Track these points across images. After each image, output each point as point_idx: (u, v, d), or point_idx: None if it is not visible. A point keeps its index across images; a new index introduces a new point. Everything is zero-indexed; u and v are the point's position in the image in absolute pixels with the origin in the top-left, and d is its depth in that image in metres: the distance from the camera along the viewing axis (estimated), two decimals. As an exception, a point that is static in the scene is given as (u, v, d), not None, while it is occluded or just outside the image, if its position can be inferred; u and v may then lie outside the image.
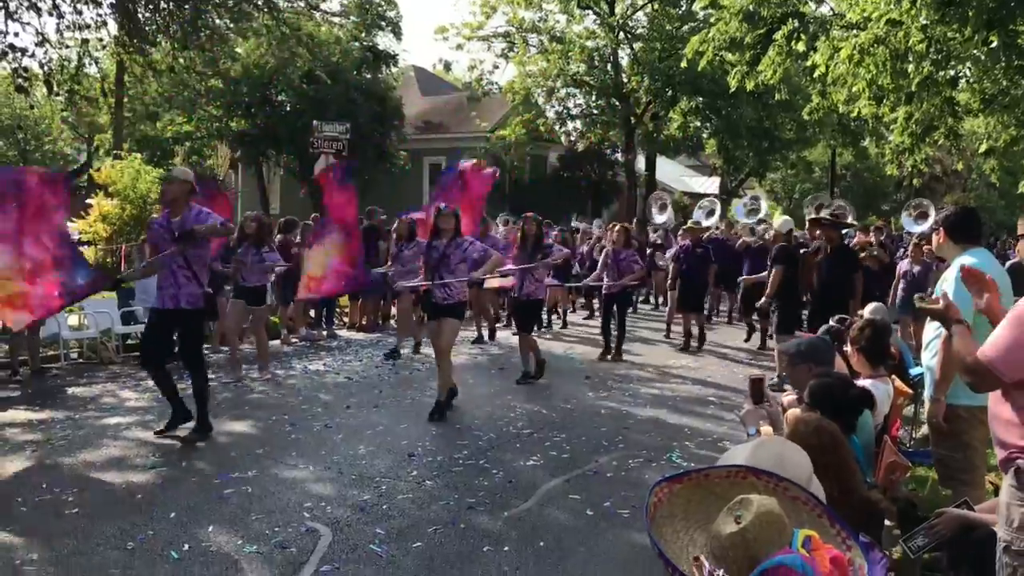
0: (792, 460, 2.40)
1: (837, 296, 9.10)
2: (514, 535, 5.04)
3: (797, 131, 29.60)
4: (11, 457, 6.40)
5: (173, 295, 6.96)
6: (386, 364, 10.77)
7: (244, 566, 4.51)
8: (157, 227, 7.16)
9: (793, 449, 2.43)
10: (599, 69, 30.36)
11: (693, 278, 12.62)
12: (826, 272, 9.48)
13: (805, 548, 1.72)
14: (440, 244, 8.08)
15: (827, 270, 9.47)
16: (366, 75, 29.96)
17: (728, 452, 2.55)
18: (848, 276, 9.34)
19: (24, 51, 14.30)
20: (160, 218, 7.25)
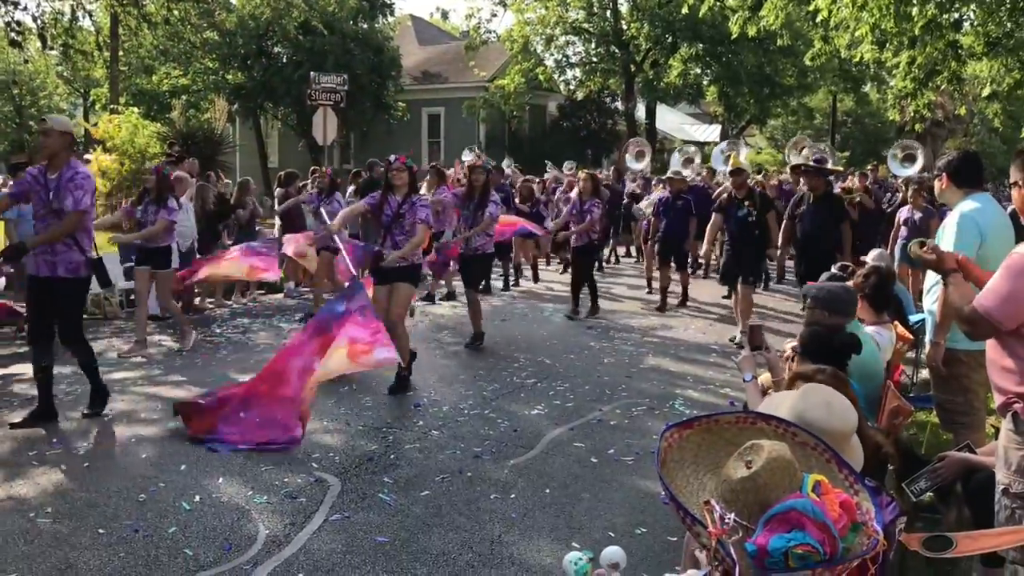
0: (839, 409, 2.43)
1: (824, 247, 8.76)
2: (520, 483, 5.11)
3: (798, 77, 29.36)
4: (20, 412, 6.45)
5: (49, 261, 6.07)
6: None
7: (255, 516, 4.58)
8: (31, 179, 6.15)
9: (841, 400, 2.46)
10: (598, 16, 30.04)
11: (675, 231, 11.65)
12: (809, 222, 9.05)
13: (815, 492, 1.75)
14: (393, 201, 7.30)
15: (811, 220, 9.04)
16: (363, 25, 29.64)
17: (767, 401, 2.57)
18: (835, 226, 8.98)
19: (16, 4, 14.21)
20: (36, 170, 6.23)
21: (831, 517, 1.70)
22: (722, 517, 1.71)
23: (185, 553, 4.13)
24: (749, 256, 9.33)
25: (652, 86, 29.80)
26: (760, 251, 9.48)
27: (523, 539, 4.36)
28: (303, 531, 4.41)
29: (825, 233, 8.90)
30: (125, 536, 4.31)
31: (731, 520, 1.70)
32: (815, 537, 1.70)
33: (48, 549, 4.16)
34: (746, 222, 9.19)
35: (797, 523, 1.68)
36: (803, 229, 9.12)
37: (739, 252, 9.33)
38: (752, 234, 9.22)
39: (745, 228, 9.22)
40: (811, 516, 1.68)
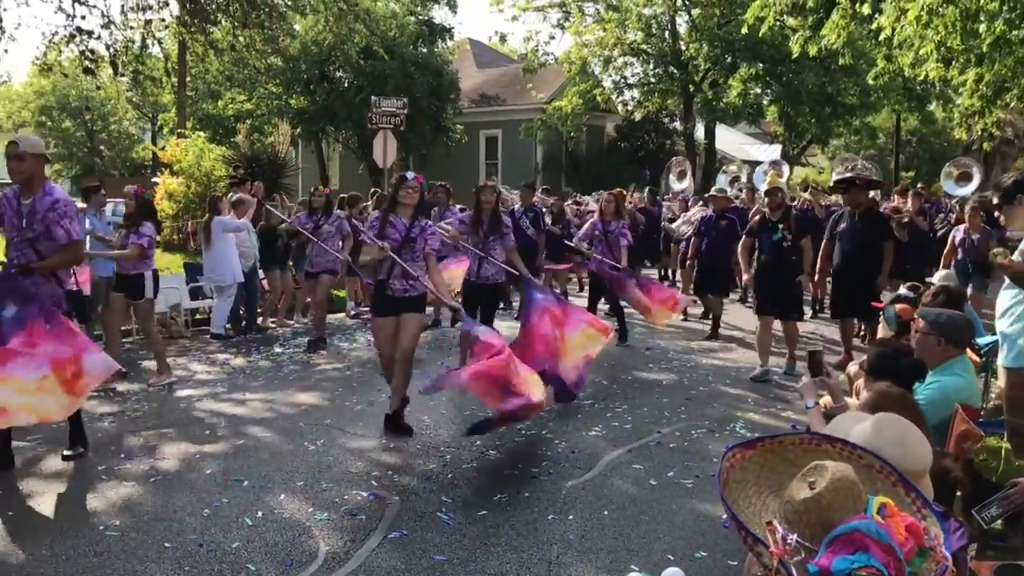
0: (915, 447, 2.35)
1: (864, 268, 8.35)
2: (578, 504, 5.09)
3: (861, 96, 28.89)
4: (89, 428, 6.62)
5: None
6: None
7: (316, 533, 4.64)
8: (5, 202, 5.68)
9: (916, 436, 2.39)
10: (657, 37, 30.00)
11: (716, 254, 10.83)
12: (849, 241, 8.52)
13: (880, 515, 1.72)
14: (400, 223, 6.56)
15: (851, 239, 8.51)
16: (422, 49, 30.07)
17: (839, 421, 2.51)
18: (877, 245, 8.41)
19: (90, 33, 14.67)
20: (10, 192, 5.73)
21: (897, 540, 1.67)
22: (784, 538, 1.69)
23: (248, 568, 4.19)
24: (784, 286, 8.36)
25: (711, 106, 29.62)
26: (796, 279, 8.50)
27: (581, 561, 4.34)
28: (363, 548, 4.44)
29: (866, 253, 8.40)
30: (190, 551, 4.39)
31: (794, 541, 1.68)
32: (880, 560, 1.67)
33: (116, 561, 4.26)
34: (780, 247, 8.35)
35: (861, 545, 1.65)
36: (842, 248, 8.62)
37: (773, 281, 8.41)
38: (788, 260, 8.38)
39: (779, 253, 8.37)
40: (876, 538, 1.65)
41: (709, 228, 11.01)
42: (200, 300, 11.47)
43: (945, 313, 4.32)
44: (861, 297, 8.29)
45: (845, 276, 8.61)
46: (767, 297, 8.50)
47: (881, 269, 8.41)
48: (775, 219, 8.46)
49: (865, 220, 8.54)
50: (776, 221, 8.44)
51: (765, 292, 8.52)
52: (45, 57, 15.88)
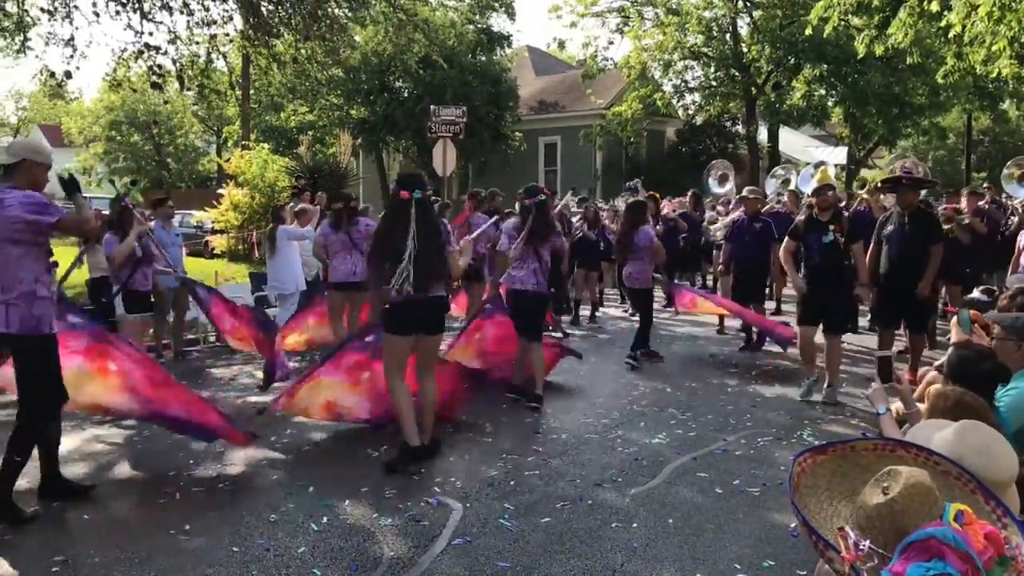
0: (999, 454, 2.24)
1: (914, 274, 7.82)
2: (642, 512, 5.03)
3: (929, 96, 28.18)
4: (159, 434, 6.77)
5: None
6: None
7: (380, 538, 4.66)
8: None
9: (1002, 444, 2.29)
10: (717, 40, 29.69)
11: (749, 260, 10.16)
12: (897, 245, 7.95)
13: (957, 522, 1.65)
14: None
15: (899, 242, 7.94)
16: (481, 58, 30.26)
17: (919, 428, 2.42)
18: (926, 248, 7.84)
19: (158, 49, 15.03)
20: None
21: (975, 548, 1.61)
22: (856, 543, 1.64)
23: (314, 573, 4.23)
24: (835, 295, 7.67)
25: (774, 108, 29.20)
26: (848, 286, 7.83)
27: (645, 569, 4.28)
28: (426, 554, 4.45)
29: (916, 257, 7.87)
30: (258, 555, 4.45)
31: (866, 547, 1.63)
32: (956, 567, 1.61)
33: (187, 565, 4.34)
34: (831, 250, 7.59)
35: (937, 552, 1.60)
36: (889, 253, 8.04)
37: (821, 288, 7.62)
38: (839, 266, 7.67)
39: (829, 257, 7.61)
40: (952, 545, 1.59)
41: (742, 232, 10.31)
42: (265, 308, 11.64)
43: (1021, 317, 4.18)
44: (908, 305, 7.96)
45: (891, 282, 8.01)
46: (813, 306, 7.71)
47: (926, 272, 7.88)
48: (824, 219, 7.66)
49: (914, 222, 7.97)
50: (826, 222, 7.65)
51: (811, 300, 7.69)
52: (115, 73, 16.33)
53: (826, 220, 7.66)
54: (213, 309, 8.96)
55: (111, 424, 7.07)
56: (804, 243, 7.78)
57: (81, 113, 44.31)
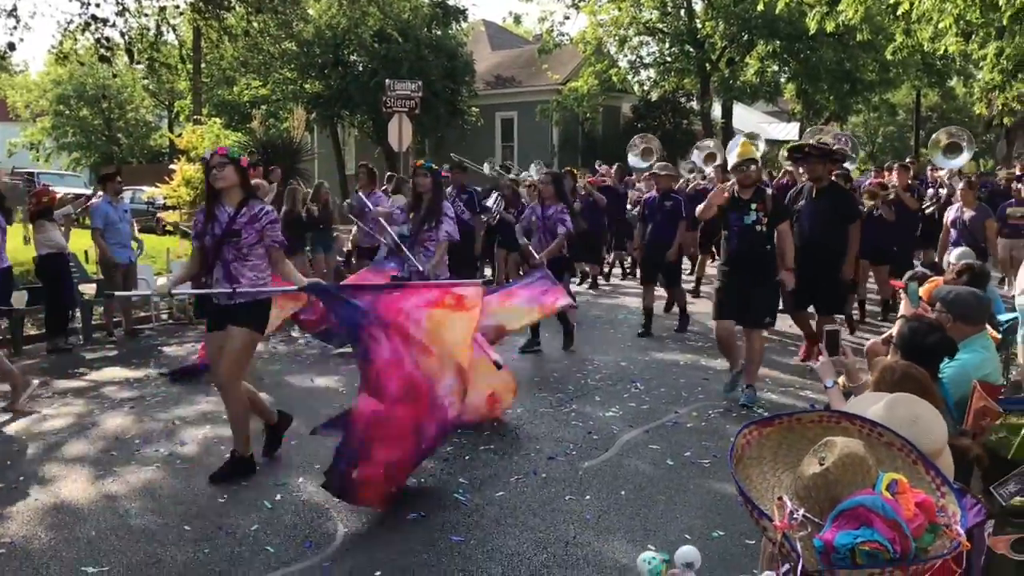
0: (927, 426, 2.32)
1: (828, 253, 7.40)
2: (595, 485, 5.09)
3: (879, 72, 28.55)
4: (110, 413, 6.70)
5: None
6: None
7: (334, 515, 4.67)
8: None
9: (929, 414, 2.36)
10: (672, 16, 29.76)
11: (659, 239, 9.57)
12: (809, 221, 7.46)
13: (890, 491, 1.70)
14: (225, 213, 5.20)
15: (811, 218, 7.46)
16: (436, 31, 29.98)
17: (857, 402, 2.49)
18: (841, 225, 7.43)
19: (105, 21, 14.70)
20: None
21: (904, 516, 1.66)
22: (791, 512, 1.68)
23: (267, 550, 4.23)
24: (756, 283, 6.72)
25: (728, 85, 29.38)
26: (772, 274, 6.87)
27: (598, 540, 4.35)
28: (380, 528, 4.47)
29: (829, 234, 7.40)
30: (209, 533, 4.43)
31: (800, 516, 1.67)
32: (884, 535, 1.66)
33: (137, 544, 4.31)
34: (753, 232, 6.70)
35: (866, 519, 1.64)
36: (800, 230, 7.44)
37: (741, 276, 6.75)
38: (761, 250, 6.75)
39: (750, 241, 6.72)
40: (880, 513, 1.64)
41: (653, 211, 9.72)
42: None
43: (954, 291, 4.29)
44: (818, 286, 7.44)
45: (801, 261, 7.07)
46: (731, 297, 6.82)
47: (846, 254, 7.50)
48: (746, 197, 6.74)
49: (825, 197, 7.49)
50: (747, 200, 6.73)
51: (728, 290, 6.84)
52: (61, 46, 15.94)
53: (748, 198, 6.74)
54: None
55: (60, 404, 6.98)
56: (724, 224, 6.97)
57: (27, 86, 43.10)
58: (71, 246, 9.87)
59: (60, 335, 9.20)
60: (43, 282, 9.22)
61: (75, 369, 8.31)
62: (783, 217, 6.91)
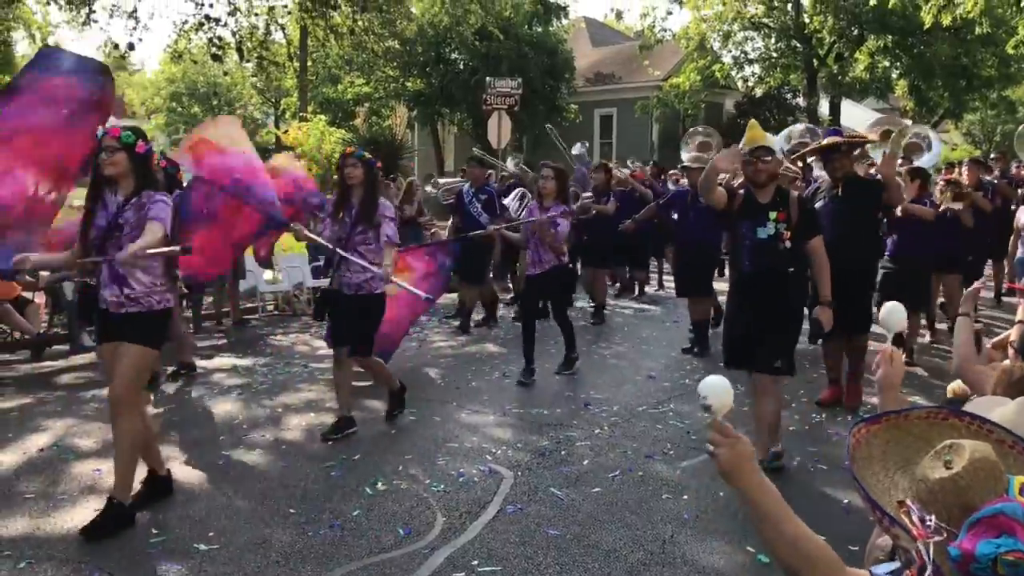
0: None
1: (859, 257, 6.32)
2: (693, 484, 5.03)
3: (999, 67, 27.30)
4: (220, 400, 6.95)
5: None
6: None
7: (432, 503, 4.74)
8: None
9: None
10: (779, 10, 29.07)
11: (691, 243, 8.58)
12: (832, 222, 6.01)
13: (1022, 496, 1.63)
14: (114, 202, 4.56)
15: (834, 219, 6.13)
16: (537, 28, 30.05)
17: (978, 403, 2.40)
18: (873, 223, 6.66)
19: (218, 21, 15.26)
20: None
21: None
22: (922, 519, 1.62)
23: (368, 535, 4.32)
24: (772, 316, 5.18)
25: (836, 81, 28.55)
26: (796, 306, 5.32)
27: (695, 540, 4.30)
28: (478, 520, 4.52)
29: (859, 236, 6.27)
30: (313, 517, 4.55)
31: (932, 522, 1.61)
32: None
33: (245, 525, 4.46)
34: (770, 249, 5.13)
35: (1007, 528, 1.57)
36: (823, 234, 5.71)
37: (753, 308, 5.23)
38: (781, 273, 5.16)
39: (767, 261, 5.16)
40: (1021, 521, 1.56)
41: (685, 209, 8.63)
42: (323, 279, 11.80)
43: None
44: (852, 304, 6.10)
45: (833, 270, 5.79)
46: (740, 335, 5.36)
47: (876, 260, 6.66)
48: (764, 201, 5.19)
49: (850, 192, 6.40)
50: (764, 205, 5.18)
51: (738, 330, 5.40)
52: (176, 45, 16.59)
53: (764, 203, 5.17)
54: None
55: (173, 390, 7.27)
56: (732, 234, 5.56)
57: (143, 85, 45.09)
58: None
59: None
60: None
61: (187, 355, 8.64)
62: (814, 230, 5.22)
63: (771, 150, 5.25)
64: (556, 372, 7.66)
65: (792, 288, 5.23)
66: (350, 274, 5.85)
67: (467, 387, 7.34)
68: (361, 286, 5.84)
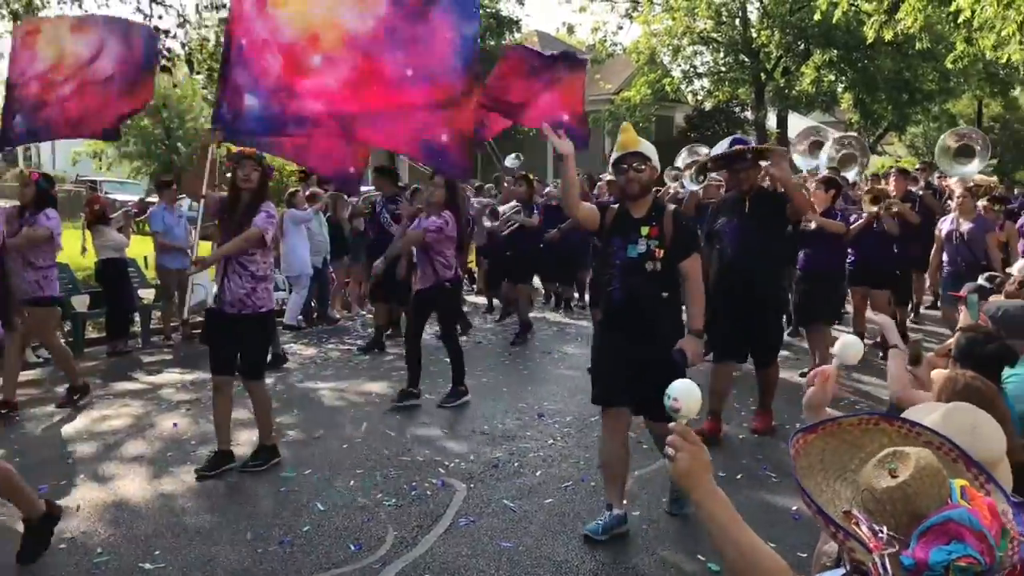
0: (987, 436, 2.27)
1: (766, 274, 5.85)
2: (644, 494, 5.07)
3: (940, 82, 27.99)
4: (167, 415, 6.84)
5: None
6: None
7: (384, 517, 4.71)
8: None
9: (989, 424, 2.31)
10: (727, 25, 29.51)
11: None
12: (736, 239, 5.82)
13: (964, 499, 1.66)
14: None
15: (738, 235, 5.83)
16: (490, 42, 30.13)
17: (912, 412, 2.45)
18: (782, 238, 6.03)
19: (167, 32, 15.02)
20: None
21: (985, 525, 1.61)
22: (874, 530, 1.63)
23: (318, 551, 4.28)
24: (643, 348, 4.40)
25: (783, 94, 29.04)
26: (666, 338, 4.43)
27: (647, 550, 4.32)
28: (430, 533, 4.50)
29: (768, 255, 5.82)
30: (263, 533, 4.50)
31: (885, 534, 1.63)
32: (975, 548, 1.61)
33: (192, 543, 4.39)
34: (639, 269, 4.41)
35: (956, 534, 1.60)
36: (723, 254, 5.91)
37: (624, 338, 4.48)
38: (651, 298, 4.42)
39: (636, 283, 4.42)
40: (968, 526, 1.59)
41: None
42: (275, 292, 11.67)
43: (1002, 306, 4.21)
44: (759, 329, 5.93)
45: (728, 294, 5.75)
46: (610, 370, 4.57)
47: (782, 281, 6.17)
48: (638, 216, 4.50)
49: (756, 207, 5.85)
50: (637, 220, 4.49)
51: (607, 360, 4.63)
52: (124, 56, 16.32)
53: (638, 217, 4.46)
54: None
55: (119, 406, 7.14)
56: (603, 257, 4.72)
57: (90, 97, 44.29)
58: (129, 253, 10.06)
59: (120, 338, 9.40)
60: (103, 286, 9.45)
61: (134, 372, 8.49)
62: (690, 249, 4.46)
63: (646, 157, 4.47)
64: (439, 404, 7.00)
65: (664, 317, 4.47)
66: (232, 289, 5.30)
67: (421, 399, 7.30)
68: (244, 303, 5.32)
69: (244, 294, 5.30)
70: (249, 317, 5.33)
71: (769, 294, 5.97)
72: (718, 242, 6.04)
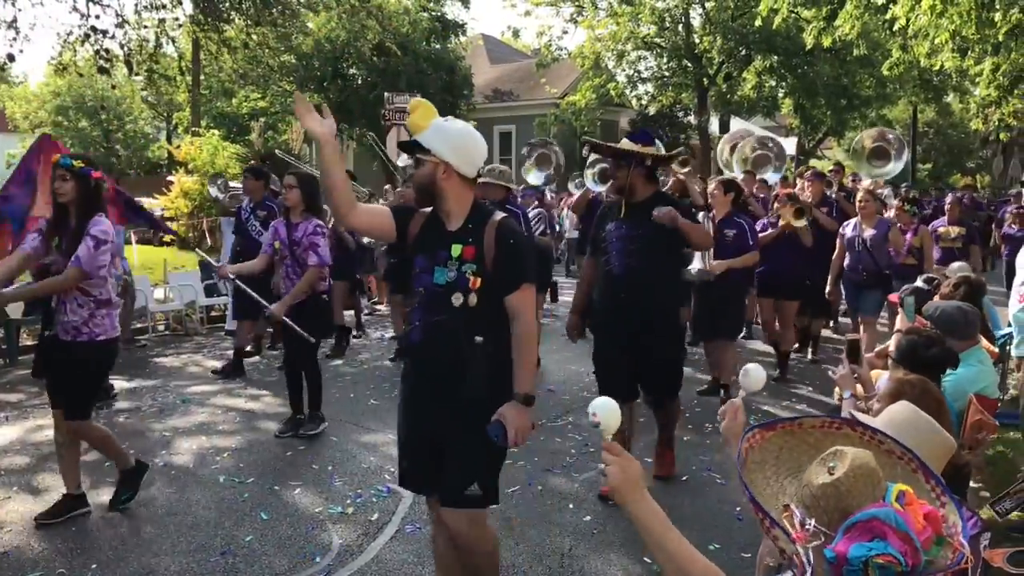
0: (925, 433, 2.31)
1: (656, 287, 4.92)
2: (591, 497, 5.08)
3: (876, 88, 28.66)
4: (105, 424, 6.66)
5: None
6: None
7: (329, 526, 4.65)
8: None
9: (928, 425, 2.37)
10: (670, 30, 29.85)
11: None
12: (622, 248, 4.94)
13: (899, 503, 1.69)
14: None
15: (625, 244, 4.93)
16: (436, 45, 30.06)
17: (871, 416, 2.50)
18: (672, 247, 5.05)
19: (105, 33, 14.70)
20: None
21: (914, 528, 1.65)
22: (802, 522, 1.67)
23: (261, 561, 4.21)
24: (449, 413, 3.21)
25: (726, 99, 29.48)
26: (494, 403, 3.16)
27: (594, 553, 4.33)
28: (376, 541, 4.46)
29: (655, 270, 4.90)
30: (204, 544, 4.41)
31: (811, 526, 1.66)
32: (897, 548, 1.65)
33: (131, 555, 4.29)
34: (442, 303, 3.16)
35: (879, 532, 1.64)
36: (607, 269, 4.99)
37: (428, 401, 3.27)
38: (461, 346, 3.15)
39: (444, 318, 3.15)
40: (893, 526, 1.63)
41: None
42: (215, 297, 11.52)
43: (940, 306, 4.31)
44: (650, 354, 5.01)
45: (611, 316, 5.04)
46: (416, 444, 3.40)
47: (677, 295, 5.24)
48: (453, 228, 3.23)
49: (642, 212, 4.92)
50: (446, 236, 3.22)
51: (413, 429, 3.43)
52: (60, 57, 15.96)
53: (454, 229, 3.23)
54: None
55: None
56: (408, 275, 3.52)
57: (26, 97, 43.16)
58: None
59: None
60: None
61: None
62: (519, 278, 3.17)
63: (423, 147, 3.20)
64: (289, 434, 6.31)
65: (479, 375, 3.13)
66: (68, 314, 4.53)
67: (365, 405, 7.24)
68: (80, 330, 4.55)
69: (80, 322, 4.53)
70: (84, 346, 4.54)
71: (659, 314, 5.00)
72: (604, 250, 5.08)
